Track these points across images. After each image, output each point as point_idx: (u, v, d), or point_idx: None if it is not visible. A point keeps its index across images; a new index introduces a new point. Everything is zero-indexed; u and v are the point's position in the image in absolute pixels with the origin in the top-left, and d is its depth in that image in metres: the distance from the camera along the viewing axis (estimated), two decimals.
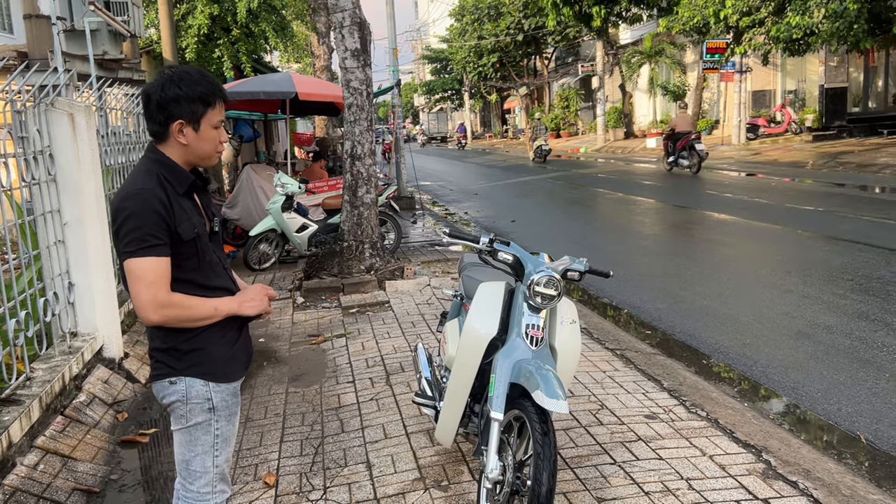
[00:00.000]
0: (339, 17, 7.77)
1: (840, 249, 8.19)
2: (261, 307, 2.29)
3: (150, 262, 2.06)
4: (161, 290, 2.08)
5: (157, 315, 2.09)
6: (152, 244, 2.06)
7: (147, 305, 2.07)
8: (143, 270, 2.06)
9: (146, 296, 2.07)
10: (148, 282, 2.06)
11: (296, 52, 25.52)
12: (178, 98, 2.16)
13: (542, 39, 42.17)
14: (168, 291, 2.10)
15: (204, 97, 2.19)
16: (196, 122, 2.20)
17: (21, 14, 10.93)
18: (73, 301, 4.77)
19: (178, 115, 2.17)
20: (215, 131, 2.25)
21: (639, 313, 6.51)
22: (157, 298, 2.07)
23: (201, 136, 2.22)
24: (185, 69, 2.24)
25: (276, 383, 5.03)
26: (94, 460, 3.90)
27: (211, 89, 2.21)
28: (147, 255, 2.06)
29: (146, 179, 2.13)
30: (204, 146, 2.24)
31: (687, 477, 3.29)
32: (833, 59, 23.10)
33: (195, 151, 2.23)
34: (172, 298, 2.11)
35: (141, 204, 2.07)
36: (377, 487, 3.40)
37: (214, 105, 2.22)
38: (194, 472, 2.30)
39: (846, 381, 4.62)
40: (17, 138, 4.26)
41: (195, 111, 2.18)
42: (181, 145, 2.21)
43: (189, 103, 2.17)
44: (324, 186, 10.97)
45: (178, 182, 2.19)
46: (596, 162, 25.90)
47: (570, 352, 2.99)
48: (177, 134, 2.19)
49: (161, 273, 2.08)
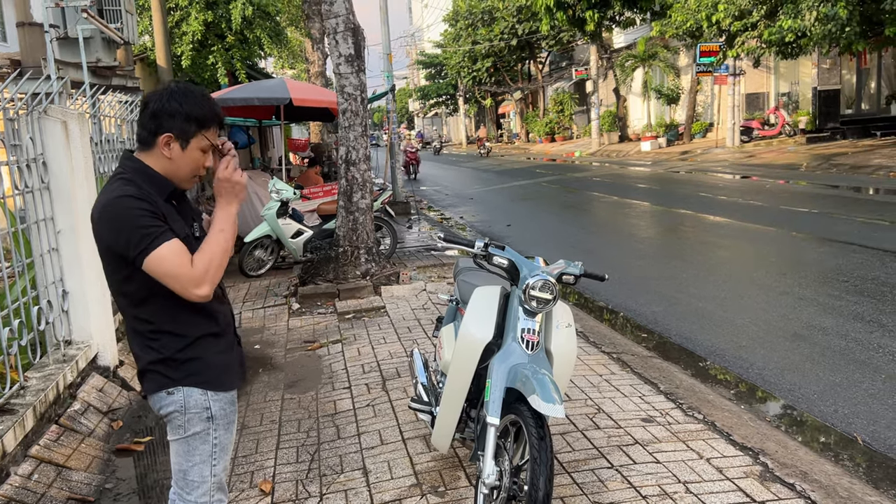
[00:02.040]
0: (332, 23, 7.78)
1: (835, 251, 8.21)
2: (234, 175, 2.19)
3: (165, 249, 2.03)
4: (188, 266, 2.05)
5: (203, 289, 2.08)
6: (156, 234, 2.03)
7: (191, 289, 2.06)
8: (162, 260, 2.03)
9: (185, 281, 2.05)
10: (176, 268, 2.04)
11: (290, 58, 25.51)
12: (174, 112, 2.14)
13: (536, 44, 42.29)
14: (192, 265, 2.07)
15: (201, 119, 2.17)
16: (185, 140, 2.17)
17: (14, 22, 10.91)
18: (67, 309, 4.75)
19: (168, 129, 2.15)
20: (201, 155, 2.22)
21: (635, 316, 6.51)
22: (193, 277, 2.05)
23: (187, 155, 2.19)
24: (190, 88, 2.23)
25: (271, 390, 5.01)
26: (89, 469, 3.88)
27: (209, 114, 2.19)
28: (158, 243, 2.03)
29: (124, 187, 2.11)
30: (185, 166, 2.20)
31: (684, 480, 3.29)
32: (826, 62, 23.20)
33: (175, 169, 2.20)
34: (197, 268, 2.07)
35: (125, 208, 2.05)
36: (374, 494, 3.39)
37: (208, 128, 2.20)
38: (192, 481, 2.28)
39: (842, 383, 4.62)
40: (10, 146, 4.24)
41: (187, 130, 2.16)
42: (165, 158, 2.18)
43: (184, 121, 2.15)
44: (319, 192, 10.97)
45: (159, 189, 2.17)
46: (591, 166, 25.95)
47: (566, 356, 2.99)
48: (163, 146, 2.16)
49: (179, 253, 2.06)
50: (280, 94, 10.41)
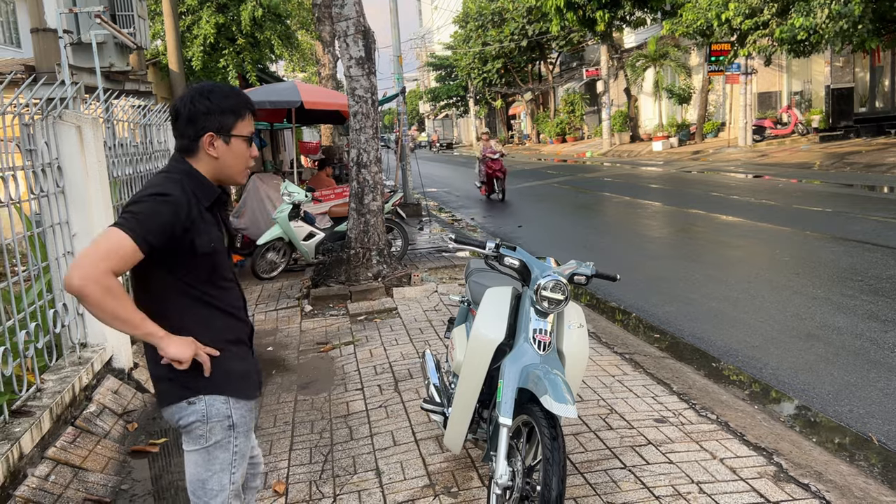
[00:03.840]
0: (343, 26, 7.81)
1: (849, 250, 8.15)
2: (183, 351, 2.07)
3: (124, 238, 1.95)
4: (107, 263, 1.92)
5: (80, 281, 1.89)
6: (138, 231, 1.97)
7: (80, 268, 1.90)
8: (108, 239, 1.95)
9: (88, 259, 1.91)
10: (104, 249, 1.93)
11: (301, 60, 25.62)
12: (208, 111, 2.15)
13: (547, 45, 42.25)
14: (111, 273, 1.93)
15: (234, 108, 2.19)
16: (227, 133, 2.18)
17: (28, 28, 11.01)
18: (82, 312, 4.79)
19: (208, 128, 2.15)
20: (245, 146, 2.23)
21: (647, 317, 6.49)
22: (97, 268, 1.90)
23: (232, 149, 2.20)
24: (213, 84, 2.24)
25: (284, 391, 5.03)
26: (105, 470, 3.91)
27: (240, 101, 2.21)
28: (126, 232, 1.95)
29: (171, 186, 2.09)
30: (233, 161, 2.22)
31: (697, 480, 3.28)
32: (839, 60, 23.05)
33: (224, 167, 2.21)
34: (110, 280, 1.93)
35: (155, 203, 2.03)
36: (387, 495, 3.40)
37: (244, 116, 2.21)
38: (210, 490, 2.26)
39: (857, 383, 4.59)
40: (26, 151, 4.29)
41: (225, 123, 2.17)
42: (212, 159, 2.19)
43: (219, 115, 2.16)
44: (330, 194, 11.00)
45: (205, 195, 2.17)
46: (602, 166, 25.89)
47: (578, 356, 2.99)
48: (207, 147, 2.17)
49: (122, 253, 1.94)
50: (291, 98, 10.46)
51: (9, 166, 3.96)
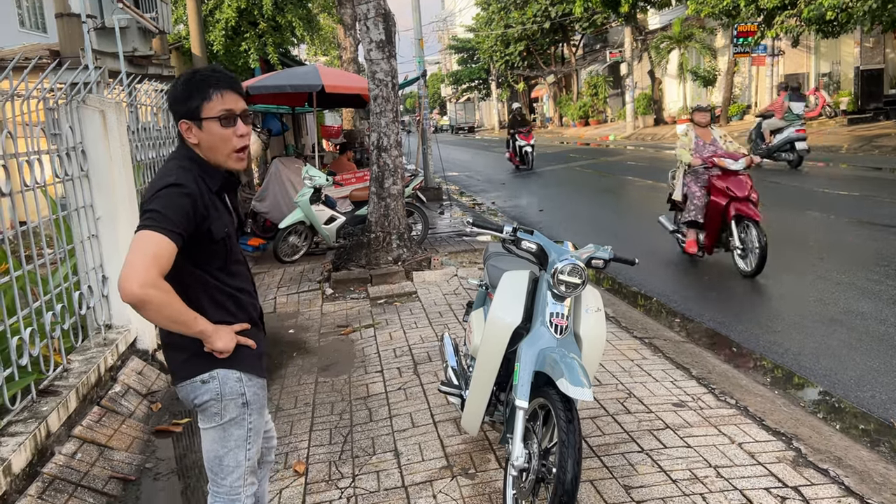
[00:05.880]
0: (363, 9, 7.79)
1: (875, 234, 8.03)
2: (228, 343, 2.17)
3: (162, 239, 1.97)
4: (157, 268, 1.95)
5: (141, 289, 1.92)
6: (170, 228, 1.99)
7: (135, 275, 1.92)
8: (148, 243, 1.96)
9: (140, 266, 1.93)
10: (150, 254, 1.95)
11: (322, 44, 25.58)
12: (174, 99, 2.17)
13: (570, 26, 41.79)
14: (161, 276, 1.97)
15: (199, 89, 2.13)
16: (197, 118, 2.15)
17: (53, 13, 11.13)
18: (107, 294, 4.88)
19: (180, 115, 2.16)
20: (223, 128, 2.15)
21: (667, 301, 6.46)
22: (150, 273, 1.93)
23: (206, 132, 2.15)
24: (189, 70, 2.23)
25: (305, 373, 5.09)
26: (130, 449, 4.00)
27: (205, 82, 2.14)
28: (160, 232, 1.97)
29: (182, 175, 2.11)
30: (214, 145, 2.17)
31: (715, 465, 3.27)
32: (869, 40, 22.54)
33: (208, 152, 2.19)
34: (163, 283, 1.97)
35: (175, 195, 2.05)
36: (405, 475, 3.43)
37: (210, 97, 2.13)
38: (227, 466, 2.32)
39: (880, 369, 4.54)
40: (51, 135, 4.36)
41: (191, 107, 2.14)
42: (195, 145, 2.20)
43: (185, 101, 2.15)
44: (351, 178, 11.01)
45: (212, 179, 2.19)
46: (625, 149, 25.65)
47: (595, 340, 2.99)
48: (186, 133, 2.18)
49: (165, 254, 1.97)
50: (312, 81, 10.46)
51: (34, 150, 4.03)
